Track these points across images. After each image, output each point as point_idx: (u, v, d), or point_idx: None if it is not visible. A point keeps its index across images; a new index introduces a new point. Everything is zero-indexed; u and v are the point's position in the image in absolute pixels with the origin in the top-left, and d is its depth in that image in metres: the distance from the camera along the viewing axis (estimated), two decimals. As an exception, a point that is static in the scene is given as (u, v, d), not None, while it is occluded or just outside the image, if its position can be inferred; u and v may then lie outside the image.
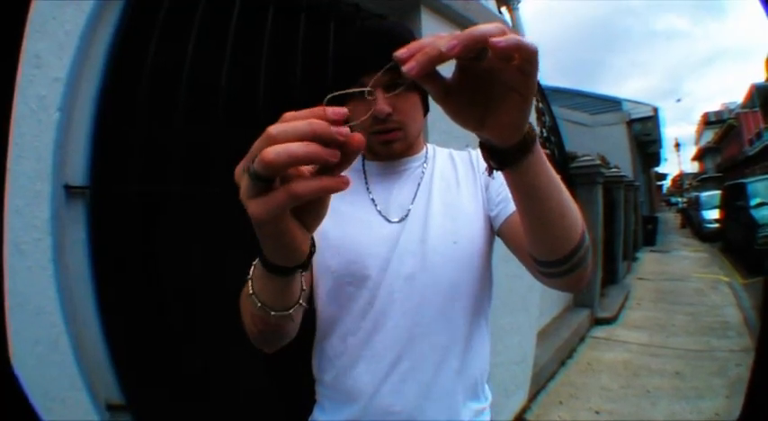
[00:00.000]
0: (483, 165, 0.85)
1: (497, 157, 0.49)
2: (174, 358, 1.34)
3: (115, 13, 1.25)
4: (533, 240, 0.61)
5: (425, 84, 0.40)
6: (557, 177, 0.54)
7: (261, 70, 1.44)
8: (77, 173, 1.19)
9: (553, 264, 0.61)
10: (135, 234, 1.26)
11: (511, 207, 0.77)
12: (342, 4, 1.63)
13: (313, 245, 0.49)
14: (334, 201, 0.81)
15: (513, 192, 0.56)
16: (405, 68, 0.35)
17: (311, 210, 0.43)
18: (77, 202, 1.20)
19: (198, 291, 1.33)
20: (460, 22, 1.99)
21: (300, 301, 0.55)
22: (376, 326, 0.75)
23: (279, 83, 1.47)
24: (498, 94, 0.42)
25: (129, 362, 1.28)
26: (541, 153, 0.50)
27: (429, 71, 0.37)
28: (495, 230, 0.81)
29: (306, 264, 0.48)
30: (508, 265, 1.69)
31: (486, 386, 0.85)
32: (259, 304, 0.53)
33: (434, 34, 0.37)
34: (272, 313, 0.53)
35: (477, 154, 0.88)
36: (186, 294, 1.33)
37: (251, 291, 0.53)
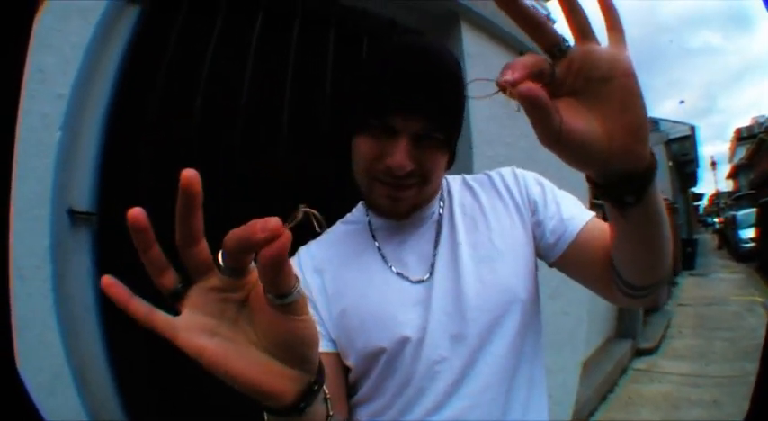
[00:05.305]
0: (512, 185, 0.73)
1: (633, 187, 0.42)
2: (182, 391, 1.25)
3: (126, 27, 1.20)
4: (635, 268, 0.57)
5: (535, 113, 0.35)
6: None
7: (285, 91, 1.34)
8: (83, 197, 1.14)
9: (645, 288, 0.58)
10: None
11: (573, 229, 0.66)
12: (376, 18, 1.53)
13: (320, 373, 0.41)
14: (342, 268, 0.69)
15: (626, 225, 0.49)
16: (508, 77, 0.35)
17: (282, 341, 0.37)
18: (82, 229, 1.15)
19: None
20: (503, 37, 1.87)
21: (330, 413, 0.45)
22: (416, 400, 0.63)
23: (304, 104, 1.36)
24: (607, 96, 0.38)
25: (135, 397, 1.22)
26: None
27: (533, 74, 0.35)
28: (549, 258, 0.69)
29: (300, 408, 0.39)
30: (555, 303, 1.54)
31: None
32: None
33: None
34: None
35: (501, 174, 0.75)
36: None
37: None
